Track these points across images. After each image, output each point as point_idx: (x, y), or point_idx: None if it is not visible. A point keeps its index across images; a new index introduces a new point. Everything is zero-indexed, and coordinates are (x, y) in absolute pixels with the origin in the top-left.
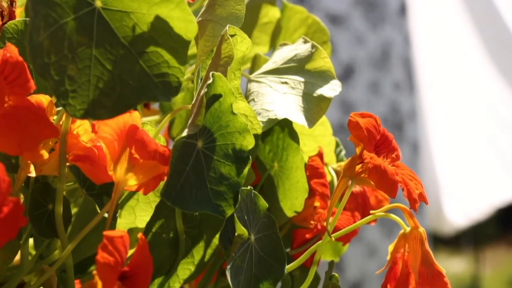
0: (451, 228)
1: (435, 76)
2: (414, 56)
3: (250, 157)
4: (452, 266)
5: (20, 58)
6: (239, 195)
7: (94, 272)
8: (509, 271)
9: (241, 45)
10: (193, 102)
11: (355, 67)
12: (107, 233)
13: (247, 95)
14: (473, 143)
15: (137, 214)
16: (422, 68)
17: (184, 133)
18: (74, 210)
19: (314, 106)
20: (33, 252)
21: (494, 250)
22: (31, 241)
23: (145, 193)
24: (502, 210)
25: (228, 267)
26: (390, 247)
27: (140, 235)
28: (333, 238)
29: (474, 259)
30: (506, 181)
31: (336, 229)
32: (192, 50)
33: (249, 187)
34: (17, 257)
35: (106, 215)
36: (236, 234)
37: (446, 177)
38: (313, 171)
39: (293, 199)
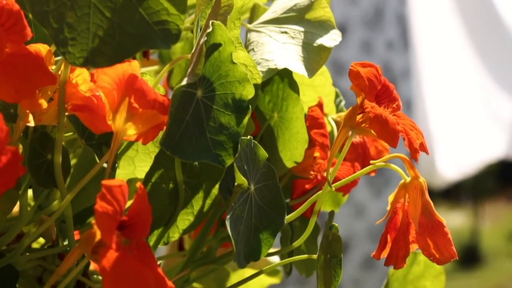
0: (443, 182)
1: (430, 33)
2: (409, 13)
3: (250, 106)
4: (451, 220)
5: (16, 6)
6: (239, 145)
7: (93, 221)
8: (508, 225)
9: None
10: (192, 51)
11: (348, 26)
12: (105, 182)
13: (246, 45)
14: (466, 100)
15: (136, 165)
16: (417, 26)
17: (184, 82)
18: (73, 161)
19: (314, 56)
20: (32, 203)
21: (493, 204)
22: (30, 192)
23: (144, 143)
24: (502, 165)
25: (228, 217)
26: (390, 197)
27: (139, 184)
28: (333, 188)
29: (474, 213)
30: (497, 137)
31: (336, 180)
32: (192, 0)
33: (248, 137)
34: (16, 208)
35: (105, 165)
36: (235, 184)
37: (439, 133)
38: (313, 122)
39: (293, 150)
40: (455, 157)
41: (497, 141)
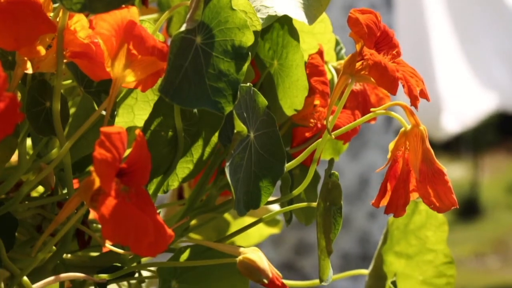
0: (444, 134)
1: None
2: None
3: (249, 53)
4: (451, 172)
5: None
6: (238, 92)
7: (92, 168)
8: (507, 177)
9: None
10: None
11: None
12: (104, 129)
13: None
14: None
15: (135, 113)
16: None
17: (183, 28)
18: (72, 110)
19: (314, 3)
20: (31, 152)
21: (493, 157)
22: (29, 141)
23: (143, 90)
24: (502, 117)
25: (227, 164)
26: (391, 145)
27: (138, 131)
28: (332, 136)
29: (473, 165)
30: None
31: (336, 127)
32: None
33: (248, 84)
34: (15, 157)
35: (104, 113)
36: (235, 131)
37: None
38: (313, 69)
39: (293, 98)
40: (455, 109)
41: (499, 92)
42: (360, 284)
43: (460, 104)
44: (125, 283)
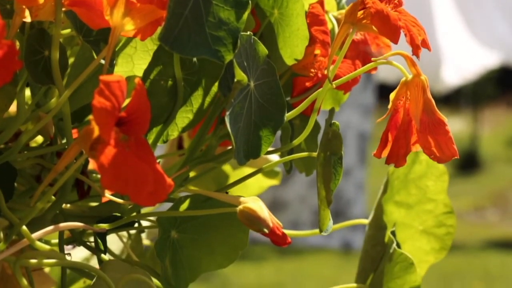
0: (445, 87)
1: None
2: None
3: (250, 2)
4: (451, 125)
5: None
6: (238, 41)
7: (91, 117)
8: (507, 131)
9: None
10: None
11: None
12: (103, 77)
13: None
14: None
15: (135, 63)
16: None
17: None
18: (71, 60)
19: None
20: (30, 102)
21: (492, 110)
22: (27, 92)
23: (142, 39)
24: (502, 71)
25: (227, 113)
26: (392, 95)
27: (137, 80)
28: (333, 86)
29: (473, 119)
30: (502, 43)
31: (336, 77)
32: None
33: (248, 32)
34: (14, 108)
35: (103, 61)
36: (235, 80)
37: (440, 37)
38: (314, 18)
39: (293, 47)
40: (456, 63)
41: (500, 46)
42: (333, 240)
43: (461, 58)
44: (124, 233)
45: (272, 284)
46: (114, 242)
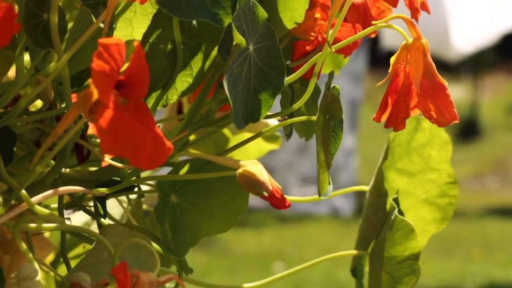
0: (457, 54)
1: None
2: None
3: None
4: (451, 93)
5: None
6: (237, 3)
7: (90, 80)
8: (507, 98)
9: None
10: None
11: None
12: (102, 40)
13: None
14: None
15: (134, 27)
16: None
17: None
18: (70, 25)
19: None
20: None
21: (493, 77)
22: (27, 56)
23: (141, 2)
24: (503, 38)
25: (226, 77)
26: (392, 59)
27: (136, 43)
28: (333, 50)
29: (473, 86)
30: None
31: (336, 41)
32: None
33: None
34: (13, 72)
35: (102, 25)
36: (233, 43)
37: (453, 3)
38: None
39: (293, 10)
40: (468, 30)
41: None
42: (320, 207)
43: (472, 24)
44: (124, 198)
45: (272, 250)
46: (114, 207)
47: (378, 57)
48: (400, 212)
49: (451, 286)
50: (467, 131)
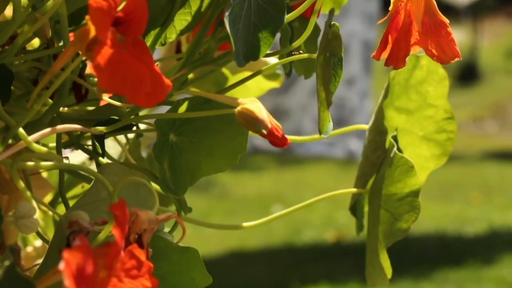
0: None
1: None
2: None
3: None
4: None
5: None
6: None
7: (87, 17)
8: (506, 42)
9: None
10: None
11: None
12: None
13: None
14: None
15: None
16: None
17: None
18: None
19: None
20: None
21: (492, 21)
22: None
23: None
24: None
25: (226, 14)
26: None
27: None
28: None
29: (473, 30)
30: None
31: None
32: None
33: None
34: (10, 11)
35: None
36: None
37: None
38: None
39: None
40: None
41: None
42: (336, 149)
43: None
44: (123, 139)
45: (271, 194)
46: (112, 148)
47: None
48: (399, 150)
49: (450, 230)
50: (467, 75)
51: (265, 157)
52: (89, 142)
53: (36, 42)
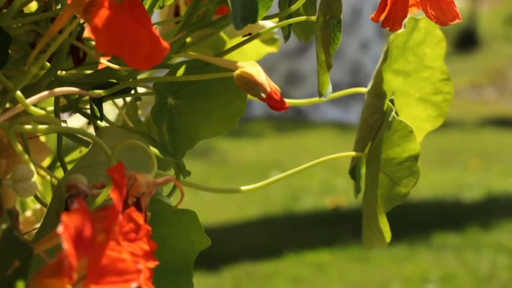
0: None
1: None
2: None
3: None
4: None
5: None
6: None
7: None
8: (506, 9)
9: None
10: None
11: None
12: None
13: None
14: None
15: None
16: None
17: None
18: None
19: None
20: None
21: None
22: None
23: None
24: None
25: None
26: None
27: None
28: None
29: None
30: None
31: None
32: None
33: None
34: None
35: None
36: None
37: None
38: None
39: None
40: None
41: None
42: (350, 114)
43: None
44: (121, 102)
45: (270, 161)
46: (110, 113)
47: None
48: (397, 113)
49: (448, 196)
50: (466, 41)
51: (264, 124)
52: (87, 106)
53: (33, 5)
